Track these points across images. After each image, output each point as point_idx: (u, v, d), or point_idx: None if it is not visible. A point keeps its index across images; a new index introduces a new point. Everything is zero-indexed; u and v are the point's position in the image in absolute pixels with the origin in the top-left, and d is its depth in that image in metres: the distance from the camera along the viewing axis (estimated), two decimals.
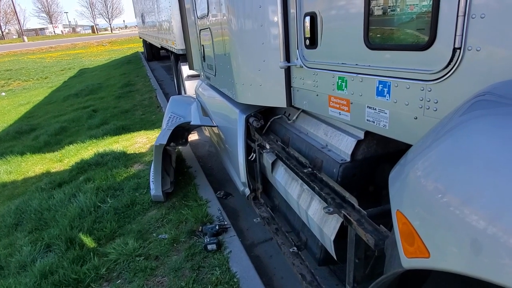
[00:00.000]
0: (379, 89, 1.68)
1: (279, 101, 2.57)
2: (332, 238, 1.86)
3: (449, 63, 1.30)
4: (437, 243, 0.83)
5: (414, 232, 0.90)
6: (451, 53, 1.28)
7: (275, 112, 3.07)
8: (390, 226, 1.85)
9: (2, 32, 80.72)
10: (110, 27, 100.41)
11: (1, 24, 78.58)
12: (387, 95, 1.64)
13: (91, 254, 3.10)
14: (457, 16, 1.22)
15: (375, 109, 1.73)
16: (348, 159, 2.05)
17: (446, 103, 1.36)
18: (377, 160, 2.11)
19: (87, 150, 6.06)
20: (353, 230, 1.66)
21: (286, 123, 2.86)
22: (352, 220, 1.59)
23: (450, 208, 0.82)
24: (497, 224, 0.72)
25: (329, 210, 1.68)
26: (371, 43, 1.65)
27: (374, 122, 1.77)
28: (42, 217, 3.93)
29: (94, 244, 3.29)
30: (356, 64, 1.78)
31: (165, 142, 3.28)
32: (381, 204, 2.25)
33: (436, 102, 1.40)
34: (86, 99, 11.03)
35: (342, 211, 1.65)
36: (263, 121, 2.98)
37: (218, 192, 4.18)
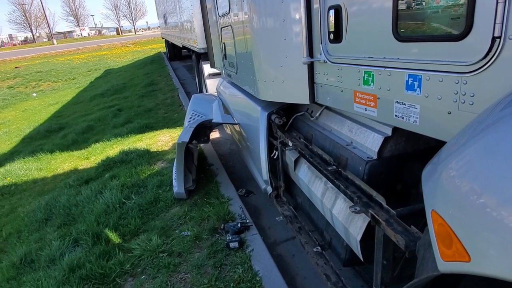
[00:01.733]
0: (409, 83, 1.61)
1: (302, 98, 2.52)
2: (359, 238, 1.80)
3: (487, 54, 1.22)
4: (479, 246, 0.76)
5: (452, 234, 0.83)
6: (489, 42, 1.19)
7: (298, 109, 3.02)
8: (421, 227, 1.77)
9: (33, 35, 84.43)
10: (134, 28, 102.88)
11: (32, 28, 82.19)
12: (418, 89, 1.56)
13: (117, 249, 3.17)
14: (497, 2, 1.14)
15: (405, 104, 1.66)
16: (375, 157, 1.98)
17: (484, 97, 1.28)
18: (406, 158, 2.02)
19: (112, 148, 6.22)
20: (381, 230, 1.60)
21: (309, 120, 2.81)
22: (380, 220, 1.53)
23: (495, 208, 0.76)
24: None
25: (356, 209, 1.63)
26: (401, 35, 1.57)
27: (403, 118, 1.69)
28: (70, 213, 4.06)
29: (119, 240, 3.36)
30: (384, 58, 1.71)
31: (187, 140, 3.30)
32: (410, 204, 2.17)
33: (473, 96, 1.32)
34: (111, 98, 11.33)
35: (370, 211, 1.59)
36: (285, 118, 2.94)
37: (240, 190, 4.17)
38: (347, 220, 1.93)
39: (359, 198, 1.76)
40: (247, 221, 3.28)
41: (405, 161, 2.03)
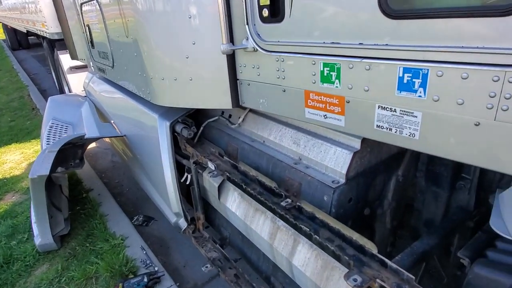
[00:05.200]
0: (404, 81, 1.09)
1: (221, 101, 1.81)
2: None
3: None
4: None
5: None
6: None
7: (208, 113, 2.30)
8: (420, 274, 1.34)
9: None
10: None
11: None
12: (420, 89, 1.06)
13: None
14: None
15: (395, 111, 1.15)
16: (343, 180, 1.45)
17: None
18: (371, 174, 1.57)
19: None
20: None
21: (228, 127, 2.13)
22: None
23: None
24: None
25: (356, 281, 1.05)
26: (395, 9, 1.03)
27: (390, 130, 1.18)
28: None
29: None
30: (360, 44, 1.15)
31: (47, 173, 2.20)
32: (375, 228, 1.76)
33: None
34: None
35: (378, 281, 1.04)
36: (195, 128, 2.18)
37: (136, 217, 3.22)
38: (320, 277, 1.36)
39: (342, 251, 1.20)
40: (156, 269, 2.43)
41: (371, 178, 1.58)
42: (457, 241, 1.53)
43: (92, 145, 4.81)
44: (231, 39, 1.63)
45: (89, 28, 2.97)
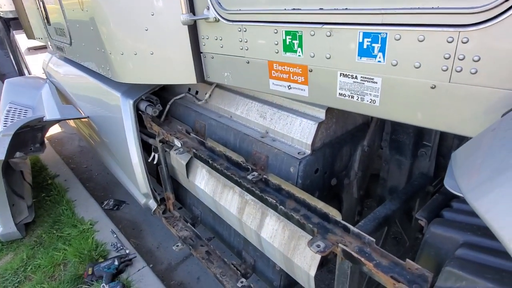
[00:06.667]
0: (364, 46, 1.08)
1: (185, 76, 1.75)
2: (313, 273, 1.27)
3: None
4: None
5: None
6: None
7: (174, 90, 2.23)
8: (383, 239, 1.39)
9: None
10: None
11: None
12: (380, 54, 1.06)
13: None
14: None
15: (356, 78, 1.14)
16: (309, 151, 1.45)
17: (497, 61, 0.85)
18: (337, 144, 1.58)
19: None
20: (348, 263, 1.10)
21: (195, 104, 2.07)
22: (358, 257, 1.01)
23: None
24: None
25: (319, 247, 1.06)
26: None
27: (352, 97, 1.19)
28: None
29: None
30: (321, 9, 1.13)
31: (2, 158, 2.07)
32: (342, 198, 1.79)
33: (478, 60, 0.88)
34: None
35: (340, 245, 1.05)
36: (161, 106, 2.11)
37: (106, 202, 3.14)
38: (287, 247, 1.38)
39: (307, 219, 1.21)
40: (127, 251, 2.39)
41: (337, 148, 1.59)
42: (418, 206, 1.59)
43: (58, 130, 4.60)
44: (192, 9, 1.56)
45: (43, 3, 2.78)
